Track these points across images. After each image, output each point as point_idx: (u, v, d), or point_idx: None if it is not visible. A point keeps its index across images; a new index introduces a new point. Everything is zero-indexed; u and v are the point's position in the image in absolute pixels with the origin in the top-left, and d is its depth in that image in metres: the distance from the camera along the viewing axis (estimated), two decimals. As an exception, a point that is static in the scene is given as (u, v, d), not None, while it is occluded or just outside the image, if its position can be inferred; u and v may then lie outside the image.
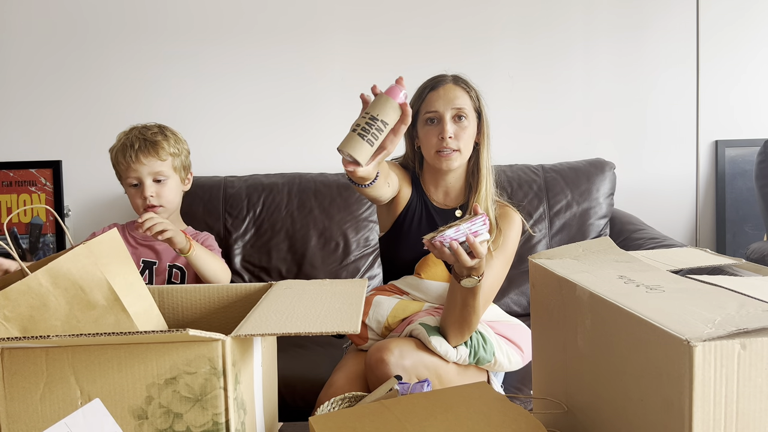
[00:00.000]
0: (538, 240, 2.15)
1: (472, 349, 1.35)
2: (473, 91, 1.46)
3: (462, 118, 1.41)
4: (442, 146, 1.40)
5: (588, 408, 0.78)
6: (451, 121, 1.41)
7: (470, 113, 1.43)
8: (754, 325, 0.57)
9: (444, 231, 1.13)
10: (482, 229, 1.13)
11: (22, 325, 0.79)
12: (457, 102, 1.41)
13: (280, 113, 2.39)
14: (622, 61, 2.41)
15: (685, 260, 0.92)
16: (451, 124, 1.40)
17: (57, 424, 0.71)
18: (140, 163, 1.52)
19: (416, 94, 1.47)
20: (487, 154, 1.47)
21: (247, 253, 2.15)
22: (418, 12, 2.37)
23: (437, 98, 1.42)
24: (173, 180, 1.57)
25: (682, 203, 2.47)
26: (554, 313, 0.86)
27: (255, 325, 0.77)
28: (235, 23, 2.36)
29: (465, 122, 1.42)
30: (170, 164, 1.56)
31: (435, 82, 1.45)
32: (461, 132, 1.41)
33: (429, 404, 0.82)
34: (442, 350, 1.30)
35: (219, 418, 0.72)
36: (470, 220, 1.13)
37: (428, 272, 1.44)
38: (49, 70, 2.35)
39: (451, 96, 1.42)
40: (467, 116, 1.42)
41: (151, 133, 1.56)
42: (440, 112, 1.41)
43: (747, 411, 0.57)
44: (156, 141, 1.54)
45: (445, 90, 1.42)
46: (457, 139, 1.40)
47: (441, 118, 1.41)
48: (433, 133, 1.42)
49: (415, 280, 1.45)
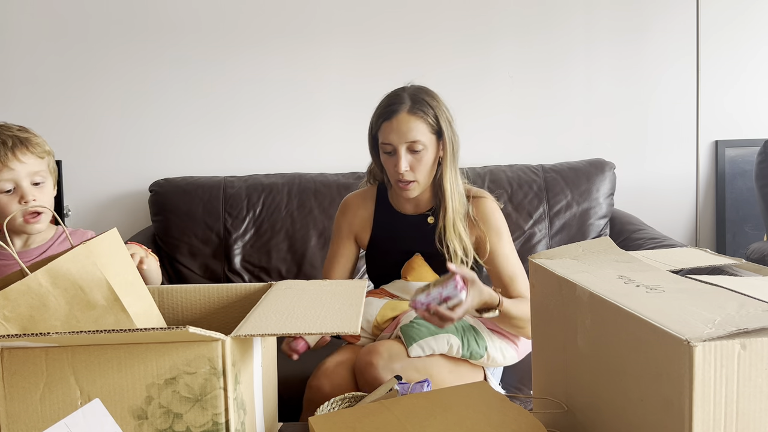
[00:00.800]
0: (538, 240, 2.15)
1: (465, 340, 1.35)
2: (430, 115, 1.39)
3: (417, 150, 1.38)
4: (398, 178, 1.40)
5: (588, 408, 0.78)
6: (406, 154, 1.38)
7: (427, 141, 1.39)
8: (754, 325, 0.57)
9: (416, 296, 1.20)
10: (454, 293, 1.17)
11: (21, 325, 0.79)
12: (410, 135, 1.37)
13: (279, 113, 2.40)
14: (622, 62, 2.41)
15: (685, 260, 0.92)
16: (405, 158, 1.38)
17: (57, 424, 0.71)
18: (18, 161, 1.26)
19: (374, 115, 1.44)
20: (451, 171, 1.43)
21: (247, 253, 2.15)
22: (418, 12, 2.37)
23: (390, 131, 1.38)
24: (50, 183, 1.34)
25: (682, 203, 2.47)
26: (554, 313, 0.86)
27: (255, 325, 0.77)
28: (235, 24, 2.36)
29: (421, 152, 1.39)
30: (47, 164, 1.34)
31: (389, 110, 1.40)
32: (417, 164, 1.39)
33: (429, 404, 0.82)
34: (425, 355, 1.33)
35: (219, 418, 0.72)
36: (443, 284, 1.18)
37: (414, 275, 1.47)
38: (49, 70, 2.35)
39: (404, 129, 1.37)
40: (424, 145, 1.38)
41: (18, 130, 1.32)
42: (394, 145, 1.38)
43: (747, 411, 0.57)
44: (28, 137, 1.30)
45: (398, 122, 1.37)
46: (413, 171, 1.39)
47: (395, 150, 1.39)
48: (390, 163, 1.41)
49: (403, 283, 1.47)
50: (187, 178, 2.25)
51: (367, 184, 1.59)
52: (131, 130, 2.38)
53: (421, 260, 1.47)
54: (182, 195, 2.18)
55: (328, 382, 1.33)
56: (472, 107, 2.39)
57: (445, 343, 1.34)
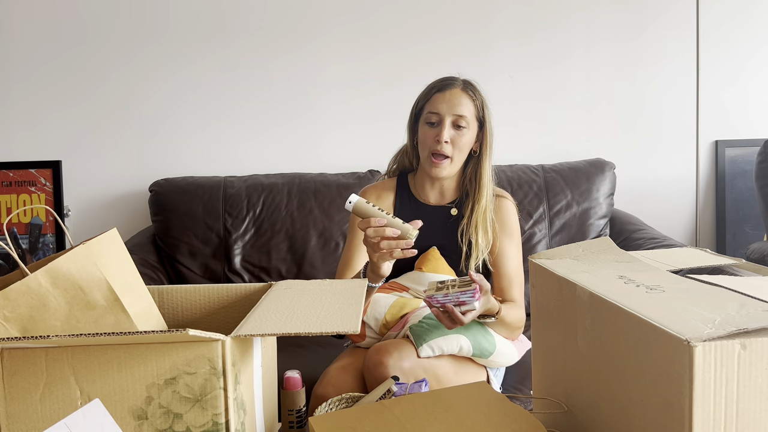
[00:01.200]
0: (538, 240, 2.15)
1: (475, 340, 1.35)
2: (479, 100, 1.46)
3: (461, 126, 1.43)
4: (436, 149, 1.42)
5: (588, 408, 0.78)
6: (450, 126, 1.43)
7: (471, 121, 1.44)
8: (754, 325, 0.57)
9: (434, 293, 1.22)
10: (470, 301, 1.21)
11: (21, 326, 0.79)
12: (459, 108, 1.42)
13: (280, 113, 2.40)
14: (622, 61, 2.41)
15: (685, 260, 0.92)
16: (449, 129, 1.42)
17: (57, 424, 0.71)
18: None
19: (424, 91, 1.49)
20: (489, 163, 1.48)
21: (247, 253, 2.15)
22: (418, 12, 2.37)
23: (442, 101, 1.43)
24: None
25: (682, 203, 2.47)
26: (554, 313, 0.86)
27: (255, 325, 0.77)
28: (236, 24, 2.36)
29: (464, 130, 1.43)
30: None
31: (443, 84, 1.46)
32: (458, 138, 1.43)
33: (429, 404, 0.82)
34: (435, 355, 1.33)
35: (219, 419, 0.72)
36: (462, 289, 1.21)
37: (429, 266, 1.46)
38: (49, 70, 2.35)
39: (455, 101, 1.42)
40: (468, 124, 1.43)
41: None
42: (441, 115, 1.43)
43: (747, 411, 0.57)
44: None
45: (451, 94, 1.43)
46: (452, 145, 1.43)
47: (441, 120, 1.43)
48: (431, 134, 1.44)
49: (417, 274, 1.46)
50: (187, 178, 2.25)
51: (385, 178, 1.60)
52: (131, 130, 2.38)
53: (437, 253, 1.47)
54: (182, 195, 2.18)
55: (334, 390, 1.31)
56: (472, 107, 2.39)
57: (456, 344, 1.34)
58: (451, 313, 1.21)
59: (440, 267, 1.46)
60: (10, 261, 2.29)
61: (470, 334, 1.36)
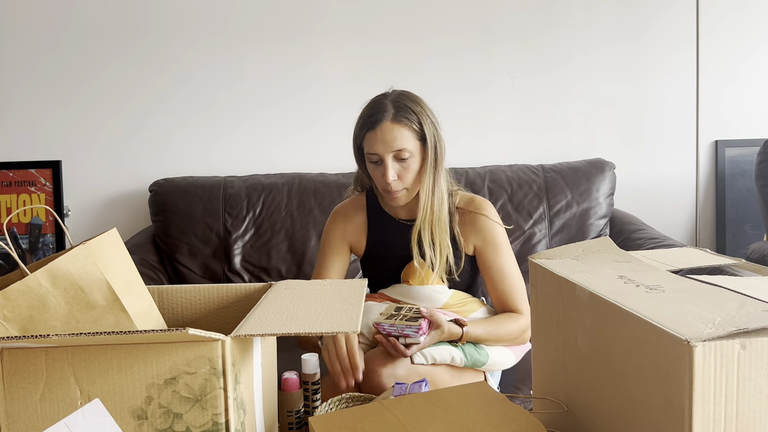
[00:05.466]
0: (538, 240, 2.15)
1: (466, 353, 1.36)
2: (414, 121, 1.37)
3: (404, 158, 1.36)
4: (387, 188, 1.39)
5: (588, 408, 0.78)
6: (393, 162, 1.37)
7: (413, 148, 1.37)
8: (754, 325, 0.57)
9: (383, 320, 1.29)
10: (414, 335, 1.27)
11: (21, 326, 0.79)
12: (395, 143, 1.35)
13: (280, 113, 2.40)
14: (622, 61, 2.41)
15: (685, 260, 0.92)
16: (392, 167, 1.36)
17: (57, 424, 0.71)
18: None
19: (357, 124, 1.42)
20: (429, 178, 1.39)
21: (247, 253, 2.15)
22: (418, 13, 2.37)
23: (375, 141, 1.36)
24: None
25: (682, 203, 2.47)
26: (554, 313, 0.85)
27: (255, 325, 0.77)
28: (236, 23, 2.36)
29: (408, 160, 1.37)
30: None
31: (373, 120, 1.37)
32: (405, 172, 1.38)
33: (429, 404, 0.82)
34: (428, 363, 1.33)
35: (219, 419, 0.72)
36: (408, 323, 1.26)
37: (416, 278, 1.44)
38: (49, 69, 2.35)
39: (388, 138, 1.35)
40: (411, 153, 1.37)
41: None
42: (380, 155, 1.37)
43: (747, 411, 0.57)
44: None
45: (382, 131, 1.35)
46: (401, 179, 1.38)
47: (382, 160, 1.37)
48: (377, 173, 1.40)
49: (405, 287, 1.46)
50: (187, 178, 2.25)
51: (354, 192, 1.58)
52: (131, 130, 2.38)
53: (415, 265, 1.46)
54: (182, 195, 2.18)
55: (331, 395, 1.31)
56: (472, 107, 2.40)
57: (447, 354, 1.34)
58: (393, 345, 1.26)
59: (427, 278, 1.43)
60: (9, 261, 2.29)
61: (460, 346, 1.37)
